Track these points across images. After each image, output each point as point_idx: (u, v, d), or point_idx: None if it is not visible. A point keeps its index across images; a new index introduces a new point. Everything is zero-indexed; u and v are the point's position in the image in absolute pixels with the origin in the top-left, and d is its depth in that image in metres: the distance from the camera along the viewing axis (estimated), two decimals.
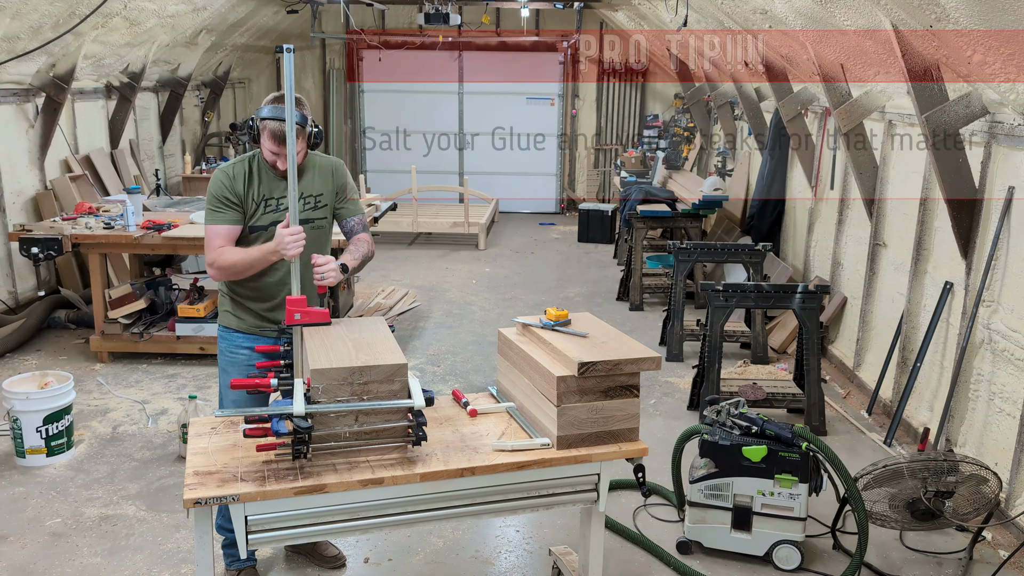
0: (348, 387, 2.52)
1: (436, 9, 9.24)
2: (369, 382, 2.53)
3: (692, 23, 7.41)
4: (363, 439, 2.57)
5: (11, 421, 4.40)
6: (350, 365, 2.52)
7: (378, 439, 2.59)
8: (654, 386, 5.71)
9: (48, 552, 3.65)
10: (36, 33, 6.25)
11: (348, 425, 2.54)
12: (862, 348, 5.76)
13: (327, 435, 2.53)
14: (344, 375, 2.51)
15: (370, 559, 3.65)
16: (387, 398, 2.56)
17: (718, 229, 9.11)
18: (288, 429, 2.45)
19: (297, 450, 2.47)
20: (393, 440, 2.60)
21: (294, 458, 2.50)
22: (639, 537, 3.80)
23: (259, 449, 2.53)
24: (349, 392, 2.52)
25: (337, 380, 2.50)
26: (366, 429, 2.56)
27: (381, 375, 2.54)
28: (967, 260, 4.39)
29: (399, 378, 2.57)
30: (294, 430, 2.45)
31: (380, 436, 2.59)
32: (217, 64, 11.00)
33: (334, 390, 2.51)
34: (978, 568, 3.64)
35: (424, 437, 2.59)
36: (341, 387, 2.51)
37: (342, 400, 2.52)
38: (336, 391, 2.51)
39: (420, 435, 2.58)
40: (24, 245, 5.59)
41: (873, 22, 4.28)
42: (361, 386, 2.53)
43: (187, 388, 5.52)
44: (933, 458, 3.59)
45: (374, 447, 2.59)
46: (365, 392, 2.53)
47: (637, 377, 2.75)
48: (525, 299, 7.92)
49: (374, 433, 2.57)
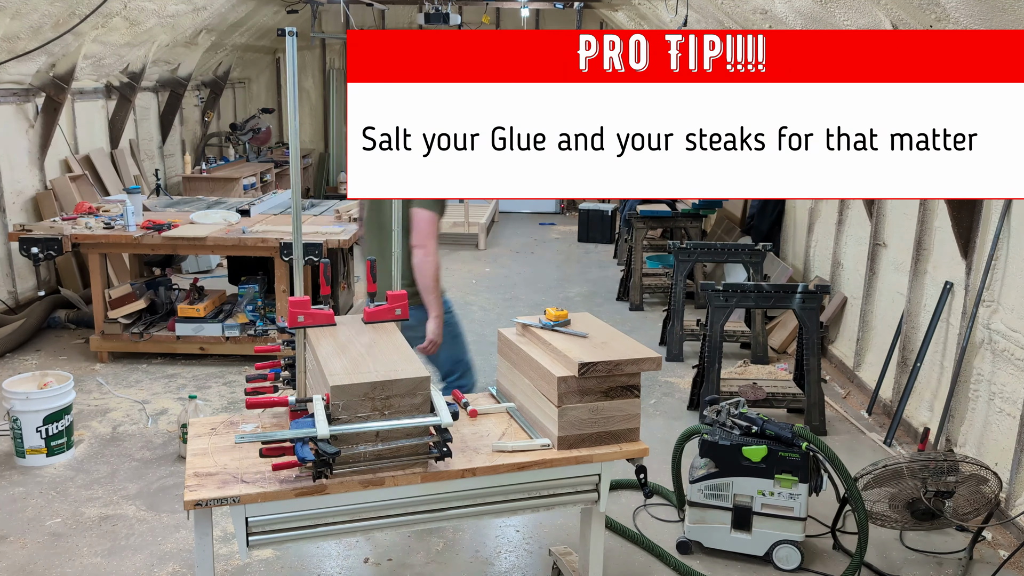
0: (369, 403, 2.44)
1: (436, 9, 9.24)
2: (391, 396, 2.45)
3: (692, 23, 7.42)
4: (384, 457, 2.49)
5: (11, 421, 4.40)
6: (371, 380, 2.44)
7: (399, 456, 2.51)
8: (654, 386, 5.71)
9: (48, 552, 3.65)
10: (36, 33, 6.25)
11: (370, 443, 2.46)
12: (862, 348, 5.76)
13: (347, 455, 2.45)
14: (365, 391, 2.43)
15: (370, 559, 3.65)
16: (409, 412, 2.48)
17: (718, 229, 9.10)
18: (311, 455, 2.37)
19: (319, 472, 2.40)
20: (415, 456, 2.52)
21: (315, 479, 2.44)
22: (639, 537, 3.80)
23: (275, 468, 2.47)
24: (370, 408, 2.44)
25: (358, 396, 2.43)
26: (388, 448, 2.47)
27: (403, 389, 2.46)
28: (967, 260, 4.39)
29: (422, 391, 2.49)
30: (317, 453, 2.37)
31: (401, 453, 2.51)
32: (217, 64, 11.00)
33: (355, 406, 2.43)
34: (978, 568, 3.64)
35: (449, 453, 2.51)
36: (362, 403, 2.43)
37: (363, 416, 2.43)
38: (357, 407, 2.43)
39: (445, 451, 2.51)
40: (24, 245, 5.59)
41: (873, 22, 4.28)
42: (383, 401, 2.45)
43: (187, 388, 5.52)
44: (933, 458, 3.59)
45: (396, 463, 2.51)
46: (387, 407, 2.46)
47: (638, 377, 2.75)
48: (525, 299, 7.92)
49: (395, 451, 2.49)
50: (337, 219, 6.46)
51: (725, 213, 9.06)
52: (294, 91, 2.77)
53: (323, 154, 13.16)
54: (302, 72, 12.82)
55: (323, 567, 3.61)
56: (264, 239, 5.69)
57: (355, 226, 6.27)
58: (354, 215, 6.47)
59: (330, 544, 3.73)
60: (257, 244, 5.70)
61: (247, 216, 6.46)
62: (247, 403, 2.58)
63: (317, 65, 12.87)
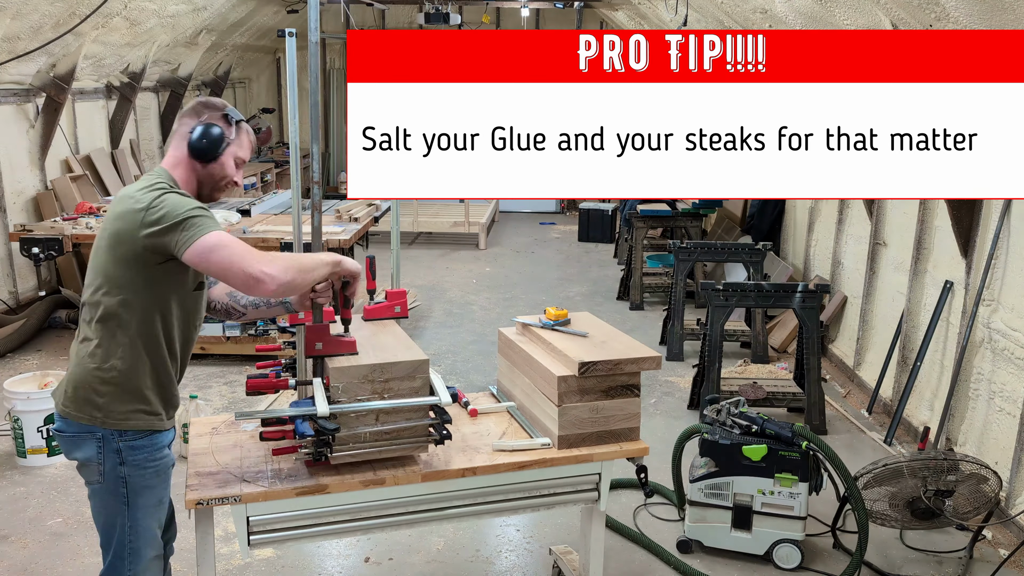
0: (369, 385, 2.45)
1: (436, 9, 9.24)
2: (390, 379, 2.47)
3: (692, 22, 7.42)
4: (384, 439, 2.49)
5: (12, 421, 4.41)
6: (370, 363, 2.46)
7: (399, 439, 2.51)
8: (655, 385, 5.71)
9: (49, 552, 3.65)
10: (36, 33, 6.26)
11: (369, 425, 2.47)
12: (862, 347, 5.76)
13: (347, 436, 2.45)
14: (365, 372, 2.45)
15: (371, 558, 3.66)
16: (409, 395, 2.49)
17: (718, 228, 9.11)
18: (311, 431, 2.37)
19: (319, 452, 2.41)
20: (415, 439, 2.53)
21: (315, 460, 2.44)
22: (639, 536, 3.81)
23: (276, 453, 2.49)
24: (370, 391, 2.46)
25: (357, 378, 2.44)
26: (387, 429, 2.48)
27: (402, 372, 2.48)
28: (967, 259, 4.40)
29: (420, 375, 2.51)
30: (317, 431, 2.37)
31: (401, 436, 2.51)
32: (217, 64, 11.00)
33: (354, 388, 2.44)
34: (978, 567, 3.64)
35: (449, 436, 2.52)
36: (362, 385, 2.45)
37: (362, 399, 2.45)
38: (356, 389, 2.45)
39: (444, 433, 2.51)
40: (25, 245, 5.60)
41: (873, 21, 4.29)
42: (382, 384, 2.47)
43: (187, 388, 5.52)
44: (933, 457, 3.59)
45: (396, 447, 2.51)
46: (386, 390, 2.47)
47: (638, 376, 2.76)
48: (525, 298, 7.92)
49: (395, 433, 2.50)
50: (337, 219, 6.47)
51: (725, 212, 9.06)
52: (294, 89, 2.75)
53: (324, 154, 13.17)
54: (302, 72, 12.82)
55: (324, 566, 3.62)
56: (264, 239, 5.70)
57: (356, 226, 6.28)
58: (355, 215, 6.48)
59: (331, 543, 3.74)
60: (258, 244, 5.71)
61: (248, 216, 6.47)
62: (247, 385, 2.55)
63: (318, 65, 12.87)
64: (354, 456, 2.49)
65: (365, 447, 2.49)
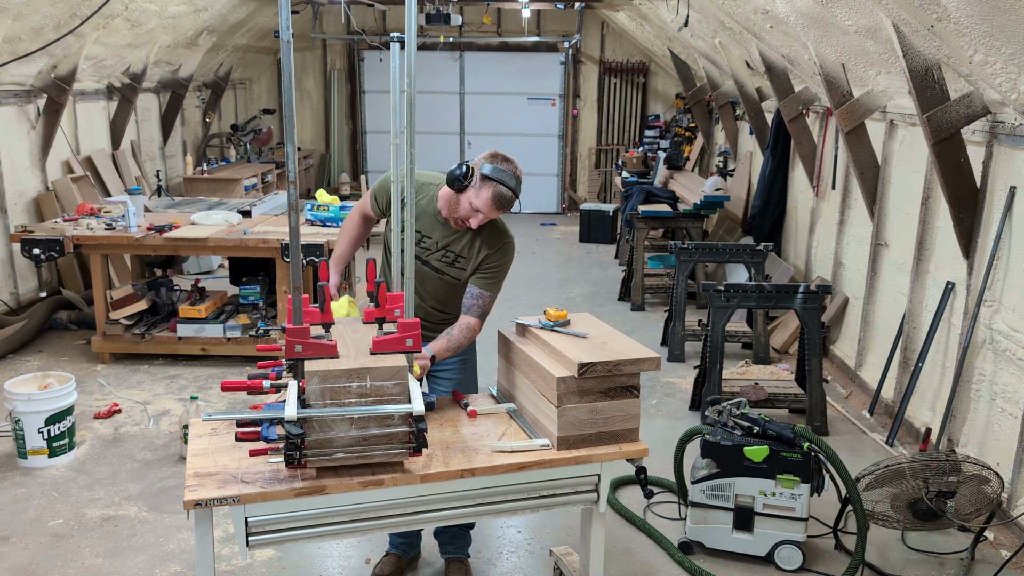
0: (345, 389, 2.42)
1: (437, 10, 9.24)
2: (367, 384, 2.44)
3: (693, 23, 7.41)
4: (360, 445, 2.46)
5: (13, 422, 4.41)
6: (347, 367, 2.43)
7: (376, 445, 2.47)
8: (656, 386, 5.71)
9: (50, 553, 3.65)
10: (38, 34, 6.26)
11: (344, 430, 2.43)
12: (864, 348, 5.75)
13: (322, 440, 2.42)
14: (340, 376, 2.41)
15: (371, 559, 3.65)
16: (387, 402, 2.45)
17: (719, 229, 9.10)
18: (280, 435, 2.36)
19: (290, 456, 2.39)
20: (391, 447, 2.49)
21: (287, 464, 2.43)
22: (652, 531, 3.81)
23: (252, 454, 2.49)
24: (346, 395, 2.42)
25: (332, 382, 2.40)
26: (364, 435, 2.45)
27: (380, 377, 2.45)
28: (969, 260, 4.39)
29: (399, 381, 2.48)
30: (286, 436, 2.36)
31: (379, 442, 2.47)
32: (218, 65, 11.01)
33: (331, 393, 2.41)
34: (980, 568, 3.63)
35: (425, 444, 2.50)
36: (337, 390, 2.41)
37: (344, 403, 2.42)
38: (332, 394, 2.41)
39: (421, 442, 2.49)
40: (26, 246, 5.60)
41: (874, 22, 4.28)
42: (358, 389, 2.44)
43: (188, 389, 5.52)
44: (935, 458, 3.59)
45: (372, 453, 2.48)
46: (363, 395, 2.43)
47: (637, 377, 2.75)
48: (526, 299, 7.92)
49: (373, 439, 2.46)
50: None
51: (727, 213, 9.06)
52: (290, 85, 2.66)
53: (324, 155, 13.17)
54: (303, 73, 12.84)
55: (324, 567, 3.62)
56: (265, 240, 5.69)
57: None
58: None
59: (330, 544, 3.74)
60: (258, 245, 5.71)
61: (248, 217, 6.47)
62: (221, 385, 2.52)
63: (318, 66, 12.87)
64: (330, 461, 2.45)
65: (339, 452, 2.45)
